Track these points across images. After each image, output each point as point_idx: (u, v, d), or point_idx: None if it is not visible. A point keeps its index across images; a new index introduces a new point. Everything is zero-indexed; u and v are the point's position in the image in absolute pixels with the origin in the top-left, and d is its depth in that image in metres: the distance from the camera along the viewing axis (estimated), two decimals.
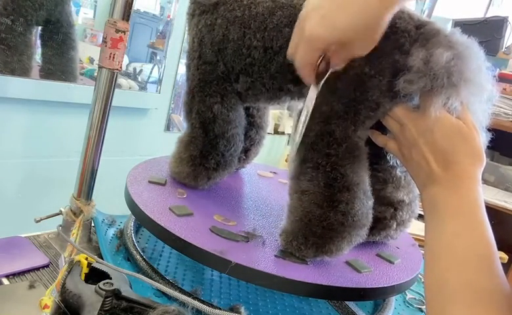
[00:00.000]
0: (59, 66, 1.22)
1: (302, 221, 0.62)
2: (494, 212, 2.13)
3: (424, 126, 0.54)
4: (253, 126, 0.89)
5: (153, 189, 0.74)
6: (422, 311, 0.80)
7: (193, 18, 0.75)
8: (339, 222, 0.60)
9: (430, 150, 0.53)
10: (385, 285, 0.63)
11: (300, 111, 0.61)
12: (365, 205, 0.62)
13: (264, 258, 0.60)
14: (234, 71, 0.72)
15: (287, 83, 0.68)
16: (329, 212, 0.60)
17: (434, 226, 0.52)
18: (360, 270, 0.64)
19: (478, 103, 0.56)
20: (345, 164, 0.60)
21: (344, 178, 0.60)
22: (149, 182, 0.76)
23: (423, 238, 1.46)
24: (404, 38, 0.56)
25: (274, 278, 0.57)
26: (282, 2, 0.66)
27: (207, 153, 0.76)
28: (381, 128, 0.63)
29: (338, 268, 0.64)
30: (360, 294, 0.62)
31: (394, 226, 0.72)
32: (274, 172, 1.03)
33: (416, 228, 1.84)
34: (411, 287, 0.79)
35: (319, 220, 0.61)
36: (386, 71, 0.57)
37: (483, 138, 0.55)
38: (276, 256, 0.62)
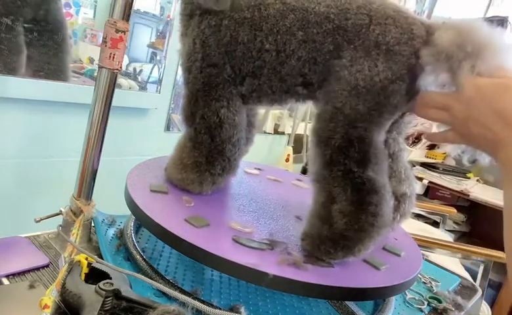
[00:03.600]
0: (48, 65, 1.19)
1: (332, 226, 0.63)
2: (494, 212, 2.13)
3: (468, 99, 0.54)
4: (247, 125, 0.89)
5: (159, 199, 0.71)
6: (422, 311, 0.80)
7: (191, 19, 0.72)
8: (369, 223, 0.62)
9: (486, 116, 0.53)
10: (385, 285, 0.63)
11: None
12: (389, 206, 0.64)
13: (299, 268, 0.61)
14: (240, 73, 0.70)
15: (296, 86, 0.68)
16: (361, 215, 0.61)
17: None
18: (378, 267, 0.66)
19: (508, 61, 0.55)
20: (372, 167, 0.61)
21: (372, 180, 0.61)
22: (152, 191, 0.73)
23: (423, 238, 1.46)
24: (420, 43, 0.59)
25: (313, 287, 0.58)
26: (293, 5, 0.65)
27: (213, 159, 0.74)
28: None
29: (338, 268, 0.64)
30: (360, 294, 0.62)
31: (398, 218, 0.73)
32: (259, 169, 1.02)
33: (416, 228, 1.85)
34: (411, 287, 0.79)
35: (350, 224, 0.62)
36: (405, 77, 0.60)
37: None
38: (305, 262, 0.62)
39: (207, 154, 0.73)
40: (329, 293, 0.61)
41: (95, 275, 0.56)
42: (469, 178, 2.60)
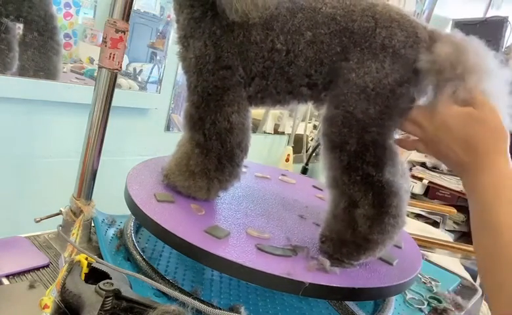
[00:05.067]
0: (37, 63, 1.17)
1: (356, 230, 0.63)
2: None
3: (439, 122, 0.57)
4: None
5: (169, 209, 0.69)
6: (422, 311, 0.80)
7: (202, 21, 0.68)
8: (391, 225, 0.63)
9: (453, 142, 0.56)
10: (385, 285, 0.63)
11: None
12: (406, 205, 0.66)
13: (327, 272, 0.62)
14: (250, 74, 0.68)
15: (301, 87, 0.67)
16: (384, 218, 0.63)
17: (476, 209, 0.55)
18: (391, 262, 0.68)
19: (492, 87, 0.57)
20: (389, 169, 0.63)
21: (391, 183, 0.63)
22: (158, 201, 0.71)
23: (422, 238, 1.46)
24: (424, 47, 0.60)
25: (349, 290, 0.60)
26: (301, 4, 0.65)
27: (223, 166, 0.72)
28: None
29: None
30: (360, 294, 0.62)
31: None
32: (245, 166, 1.00)
33: (416, 228, 1.84)
34: (411, 287, 0.79)
35: (374, 227, 0.63)
36: (412, 79, 0.61)
37: (503, 116, 0.56)
38: (331, 266, 0.62)
39: (216, 161, 0.71)
40: (329, 293, 0.61)
41: (95, 275, 0.56)
42: None
